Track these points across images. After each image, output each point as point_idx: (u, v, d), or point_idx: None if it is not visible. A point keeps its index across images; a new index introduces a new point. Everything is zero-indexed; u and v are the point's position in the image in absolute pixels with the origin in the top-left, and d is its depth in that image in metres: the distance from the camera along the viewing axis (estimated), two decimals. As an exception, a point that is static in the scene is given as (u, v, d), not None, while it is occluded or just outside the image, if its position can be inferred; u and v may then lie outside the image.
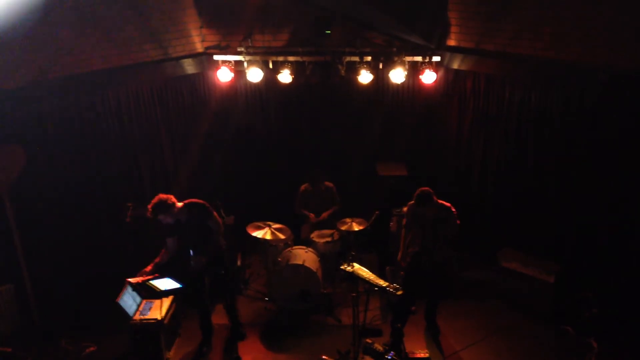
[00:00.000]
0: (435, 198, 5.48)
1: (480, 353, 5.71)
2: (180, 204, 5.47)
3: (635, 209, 5.68)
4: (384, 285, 5.12)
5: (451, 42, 7.17)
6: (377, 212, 5.72)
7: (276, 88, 7.71)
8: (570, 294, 6.10)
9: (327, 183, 7.39)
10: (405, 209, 5.87)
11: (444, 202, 5.61)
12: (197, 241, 5.55)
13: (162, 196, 5.41)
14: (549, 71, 6.19)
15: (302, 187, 7.41)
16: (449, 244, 5.62)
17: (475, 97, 7.21)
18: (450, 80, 7.49)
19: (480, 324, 6.19)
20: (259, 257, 7.52)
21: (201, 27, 7.43)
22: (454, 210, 5.61)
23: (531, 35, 6.23)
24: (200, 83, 7.76)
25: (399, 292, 5.09)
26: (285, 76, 7.20)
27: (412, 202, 5.58)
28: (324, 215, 7.29)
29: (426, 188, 5.46)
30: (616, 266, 5.92)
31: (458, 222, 5.67)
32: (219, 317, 6.31)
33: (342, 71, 7.19)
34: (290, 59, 7.22)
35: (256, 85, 7.75)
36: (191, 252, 5.55)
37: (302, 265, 6.18)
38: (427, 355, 5.55)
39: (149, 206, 5.37)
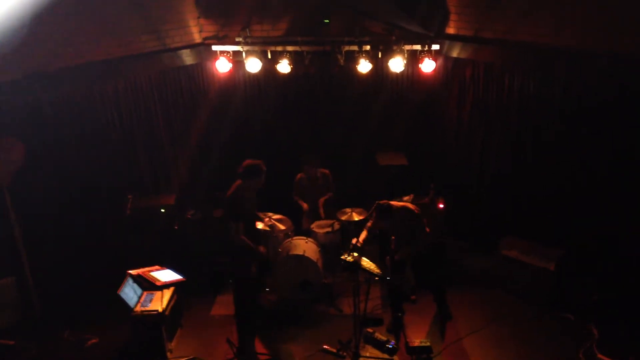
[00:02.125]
0: (393, 204, 5.55)
1: (482, 340, 5.73)
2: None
3: (637, 195, 5.67)
4: (384, 274, 5.14)
5: (450, 30, 7.13)
6: (377, 202, 5.73)
7: (275, 78, 7.69)
8: (570, 281, 6.12)
9: (323, 170, 7.31)
10: (369, 224, 5.86)
11: (399, 203, 5.70)
12: None
13: (253, 161, 5.43)
14: (549, 58, 6.15)
15: (298, 176, 7.35)
16: (419, 241, 5.64)
17: (474, 85, 7.18)
18: (450, 69, 7.46)
19: (482, 312, 6.20)
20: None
21: (199, 18, 7.38)
22: (412, 207, 5.65)
23: (530, 22, 6.18)
24: (199, 74, 7.73)
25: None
26: (284, 66, 7.17)
27: (373, 220, 5.67)
28: (320, 203, 7.20)
29: (382, 202, 5.50)
30: (617, 253, 5.92)
31: (425, 220, 5.69)
32: (221, 308, 6.38)
33: (341, 61, 7.18)
34: (289, 48, 7.19)
35: (255, 76, 7.72)
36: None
37: (303, 256, 6.18)
38: (427, 343, 5.57)
39: (240, 168, 5.37)
